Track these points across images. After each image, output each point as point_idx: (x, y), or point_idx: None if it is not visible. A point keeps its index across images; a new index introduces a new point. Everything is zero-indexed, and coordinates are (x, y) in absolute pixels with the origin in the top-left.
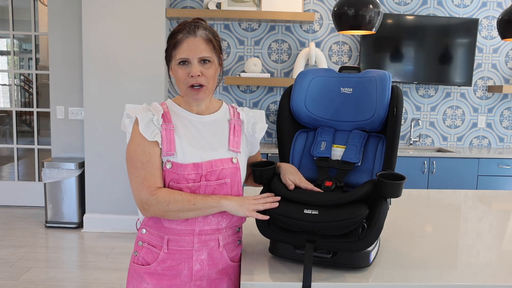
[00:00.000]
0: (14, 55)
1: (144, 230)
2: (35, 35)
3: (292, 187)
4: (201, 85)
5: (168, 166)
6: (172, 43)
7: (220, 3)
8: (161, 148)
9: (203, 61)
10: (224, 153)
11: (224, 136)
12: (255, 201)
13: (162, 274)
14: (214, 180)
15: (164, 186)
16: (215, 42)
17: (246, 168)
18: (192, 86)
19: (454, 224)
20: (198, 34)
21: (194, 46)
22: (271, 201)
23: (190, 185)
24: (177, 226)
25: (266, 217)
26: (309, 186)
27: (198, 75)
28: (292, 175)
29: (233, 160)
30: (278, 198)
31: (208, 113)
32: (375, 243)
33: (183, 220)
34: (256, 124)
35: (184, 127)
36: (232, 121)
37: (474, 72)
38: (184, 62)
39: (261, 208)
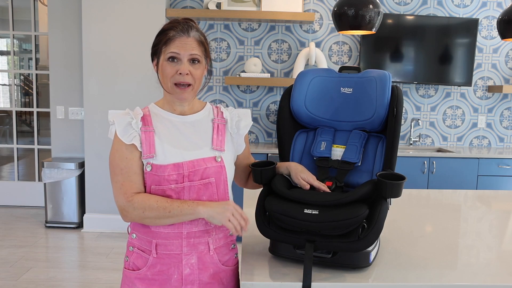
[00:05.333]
0: (14, 55)
1: (134, 235)
2: (35, 35)
3: (307, 187)
4: (188, 84)
5: (148, 168)
6: (164, 39)
7: (220, 3)
8: (140, 152)
9: (193, 60)
10: (207, 152)
11: (207, 135)
12: (236, 211)
13: (152, 279)
14: (198, 180)
15: (145, 191)
16: (206, 45)
17: (233, 167)
18: (179, 84)
19: (454, 224)
20: (192, 34)
21: (186, 45)
22: (244, 223)
23: (173, 187)
24: (164, 229)
25: (239, 233)
26: (321, 185)
27: (187, 74)
28: (304, 174)
29: (217, 158)
30: (245, 228)
31: (191, 113)
32: (375, 243)
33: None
34: (240, 121)
35: (165, 128)
36: (216, 120)
37: (474, 72)
38: (174, 58)
39: (238, 218)
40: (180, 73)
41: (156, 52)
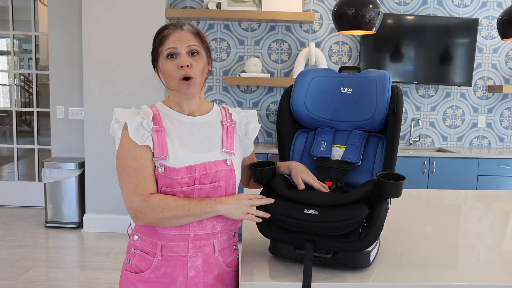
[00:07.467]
0: (14, 55)
1: (136, 237)
2: (35, 35)
3: (302, 187)
4: (190, 78)
5: (161, 170)
6: (159, 39)
7: (220, 3)
8: (153, 152)
9: (192, 53)
10: (218, 155)
11: (217, 137)
12: (251, 202)
13: (156, 282)
14: (208, 183)
15: (157, 192)
16: (202, 36)
17: (240, 170)
18: (183, 79)
19: (454, 224)
20: (185, 28)
21: (181, 37)
22: (265, 202)
23: (183, 189)
24: (171, 231)
25: (260, 220)
26: (321, 187)
27: (188, 66)
28: (304, 174)
29: (227, 162)
30: (272, 200)
31: (199, 114)
32: (375, 243)
33: (177, 225)
34: (249, 124)
35: (175, 129)
36: (225, 122)
37: (474, 72)
38: (172, 55)
39: (258, 204)
40: (181, 66)
41: (154, 57)
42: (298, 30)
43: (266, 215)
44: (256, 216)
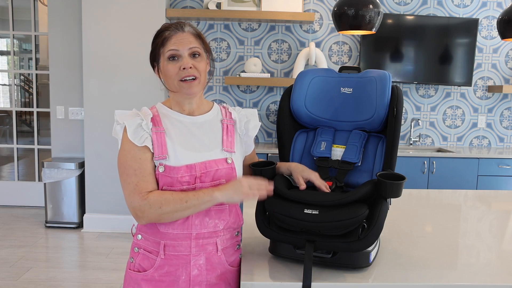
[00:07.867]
0: (14, 55)
1: (139, 236)
2: (35, 35)
3: (304, 186)
4: (193, 78)
5: (161, 169)
6: (160, 40)
7: (220, 3)
8: (152, 153)
9: (193, 55)
10: (218, 153)
11: (217, 136)
12: (248, 182)
13: (159, 281)
14: (209, 181)
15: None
16: (203, 38)
17: (242, 168)
18: (185, 80)
19: (454, 224)
20: (186, 29)
21: (183, 40)
22: (264, 187)
23: (184, 188)
24: (173, 230)
25: (263, 196)
26: (322, 186)
27: (190, 67)
28: (305, 172)
29: (228, 160)
30: (271, 187)
31: (199, 113)
32: (375, 243)
33: (180, 224)
34: (249, 123)
35: (175, 129)
36: (225, 121)
37: (474, 72)
38: (174, 57)
39: (256, 193)
40: (184, 68)
41: (155, 57)
42: (298, 30)
43: (270, 192)
44: (257, 196)
